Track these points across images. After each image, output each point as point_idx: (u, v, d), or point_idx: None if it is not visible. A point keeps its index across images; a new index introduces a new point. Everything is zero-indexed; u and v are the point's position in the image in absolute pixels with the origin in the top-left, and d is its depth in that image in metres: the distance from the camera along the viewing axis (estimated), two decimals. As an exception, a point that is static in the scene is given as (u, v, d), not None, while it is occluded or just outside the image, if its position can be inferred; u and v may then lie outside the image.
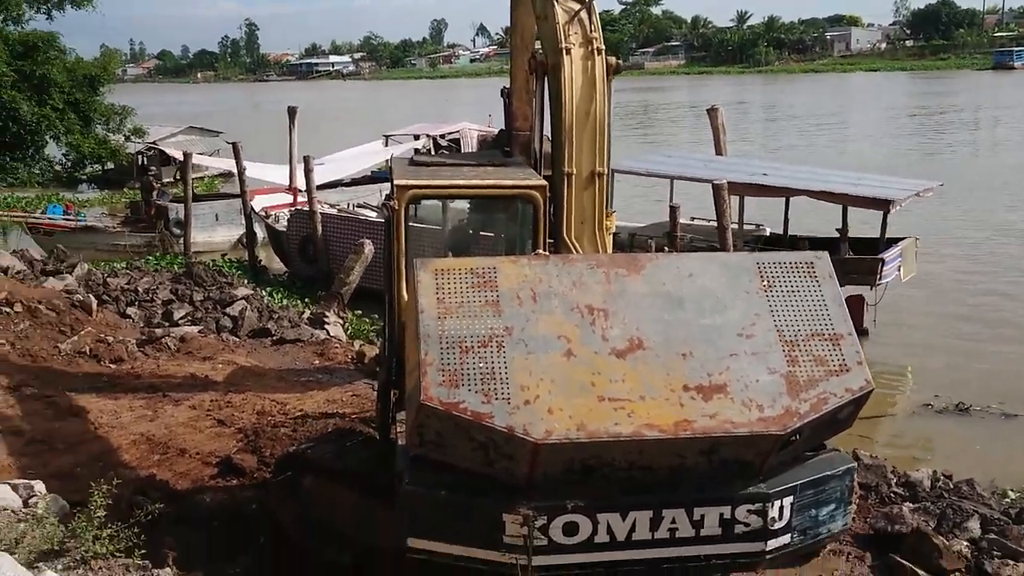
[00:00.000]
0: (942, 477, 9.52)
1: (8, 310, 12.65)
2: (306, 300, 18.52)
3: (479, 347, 4.88)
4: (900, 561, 7.58)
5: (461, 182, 6.72)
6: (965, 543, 7.88)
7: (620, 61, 7.06)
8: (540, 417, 4.73)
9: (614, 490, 5.07)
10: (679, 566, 5.33)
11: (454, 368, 4.80)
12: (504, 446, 4.82)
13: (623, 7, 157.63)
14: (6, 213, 24.97)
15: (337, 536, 7.71)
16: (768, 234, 19.16)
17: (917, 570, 7.50)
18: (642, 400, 4.84)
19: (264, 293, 17.29)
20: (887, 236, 16.79)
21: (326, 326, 14.78)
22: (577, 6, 6.84)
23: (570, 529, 5.04)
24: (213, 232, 26.45)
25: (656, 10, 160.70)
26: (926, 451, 11.24)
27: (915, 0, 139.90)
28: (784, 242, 18.28)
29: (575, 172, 6.73)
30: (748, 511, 5.12)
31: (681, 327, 5.07)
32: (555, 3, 6.80)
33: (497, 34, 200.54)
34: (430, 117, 47.01)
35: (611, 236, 7.11)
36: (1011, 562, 7.53)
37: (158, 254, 23.84)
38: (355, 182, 29.60)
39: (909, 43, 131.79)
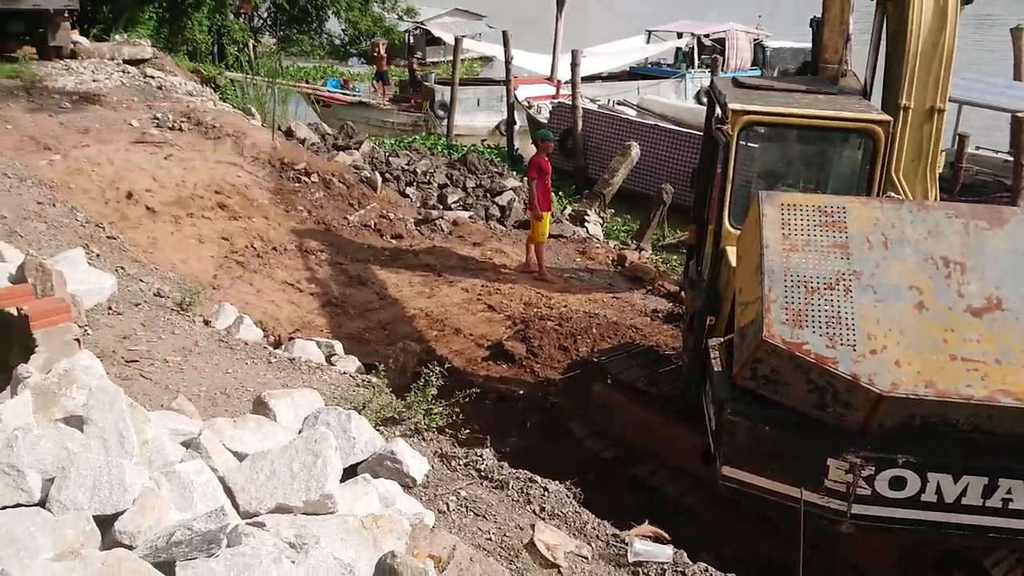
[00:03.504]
0: None
1: (306, 179, 13.80)
2: (559, 193, 18.98)
3: (825, 289, 4.87)
4: None
5: (799, 111, 6.55)
6: None
7: (974, -10, 6.69)
8: (887, 368, 4.69)
9: (950, 450, 4.96)
10: (1006, 538, 5.21)
11: (798, 307, 4.82)
12: (844, 393, 4.81)
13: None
14: (291, 84, 26.77)
15: (614, 438, 8.17)
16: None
17: None
18: (997, 364, 4.70)
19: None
20: None
21: (586, 224, 15.12)
22: None
23: (897, 483, 5.00)
24: (474, 117, 27.33)
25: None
26: None
27: None
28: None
29: (912, 106, 6.51)
30: None
31: None
32: None
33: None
34: (686, 13, 45.64)
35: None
36: None
37: (423, 134, 24.92)
38: (612, 77, 29.45)
39: None
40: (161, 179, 12.88)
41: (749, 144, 7.07)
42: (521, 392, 9.34)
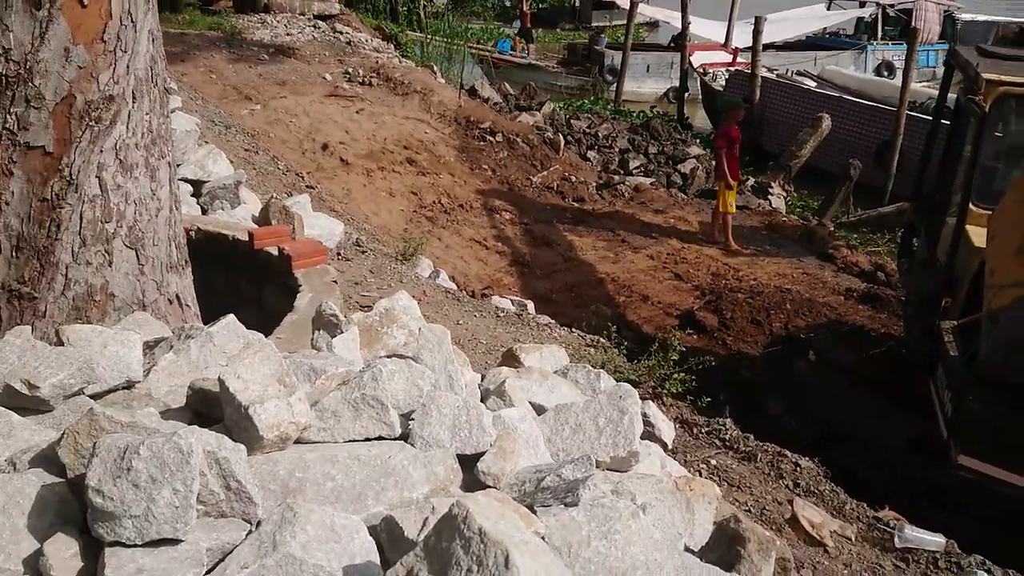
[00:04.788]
0: None
1: (491, 138, 13.88)
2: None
3: None
4: None
5: None
6: None
7: None
8: None
9: None
10: None
11: None
12: None
13: None
14: (466, 44, 27.01)
15: (813, 418, 7.92)
16: None
17: None
18: None
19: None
20: None
21: (770, 196, 14.66)
22: None
23: None
24: (642, 83, 26.91)
25: None
26: None
27: None
28: None
29: None
30: None
31: None
32: None
33: None
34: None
35: None
36: None
37: (591, 98, 24.69)
38: (788, 46, 28.36)
39: None
40: (353, 132, 13.21)
41: (999, 117, 6.62)
42: (714, 363, 9.14)
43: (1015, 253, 4.89)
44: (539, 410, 3.17)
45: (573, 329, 6.71)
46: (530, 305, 9.01)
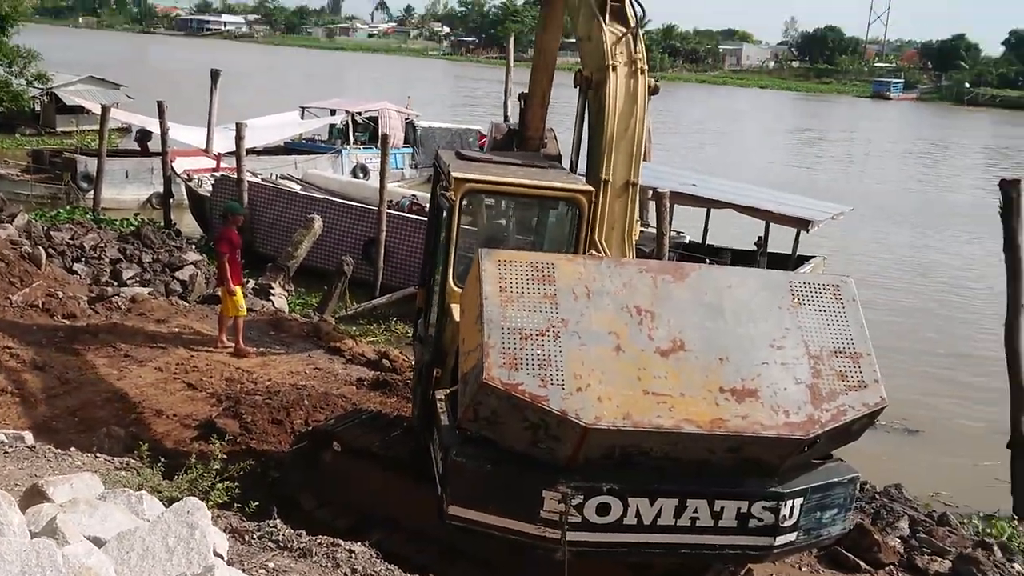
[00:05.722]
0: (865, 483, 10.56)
1: (-45, 256, 12.35)
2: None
3: (537, 335, 5.33)
4: (844, 552, 8.49)
5: (515, 180, 7.13)
6: (897, 540, 8.88)
7: (658, 84, 7.65)
8: (591, 404, 5.20)
9: (645, 477, 5.58)
10: (695, 553, 5.91)
11: (514, 352, 5.24)
12: (555, 428, 5.28)
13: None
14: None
15: (346, 507, 8.10)
16: (687, 241, 20.14)
17: (859, 561, 8.43)
18: (682, 397, 5.37)
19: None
20: (798, 254, 18.05)
21: (271, 297, 14.91)
22: (623, 29, 7.41)
23: (603, 510, 5.52)
24: (122, 190, 25.85)
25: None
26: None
27: (804, 23, 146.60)
28: (703, 250, 19.32)
29: (611, 180, 7.29)
30: (763, 507, 5.68)
31: (719, 334, 5.62)
32: (602, 26, 7.36)
33: (398, 11, 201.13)
34: (329, 91, 46.68)
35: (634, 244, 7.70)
36: (938, 558, 8.56)
37: (68, 207, 23.13)
38: (268, 151, 29.22)
39: (796, 64, 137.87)
40: None
41: (471, 210, 7.55)
42: (244, 470, 8.99)
43: (475, 321, 5.58)
44: (97, 543, 2.97)
45: (98, 455, 6.22)
46: (28, 436, 8.10)
